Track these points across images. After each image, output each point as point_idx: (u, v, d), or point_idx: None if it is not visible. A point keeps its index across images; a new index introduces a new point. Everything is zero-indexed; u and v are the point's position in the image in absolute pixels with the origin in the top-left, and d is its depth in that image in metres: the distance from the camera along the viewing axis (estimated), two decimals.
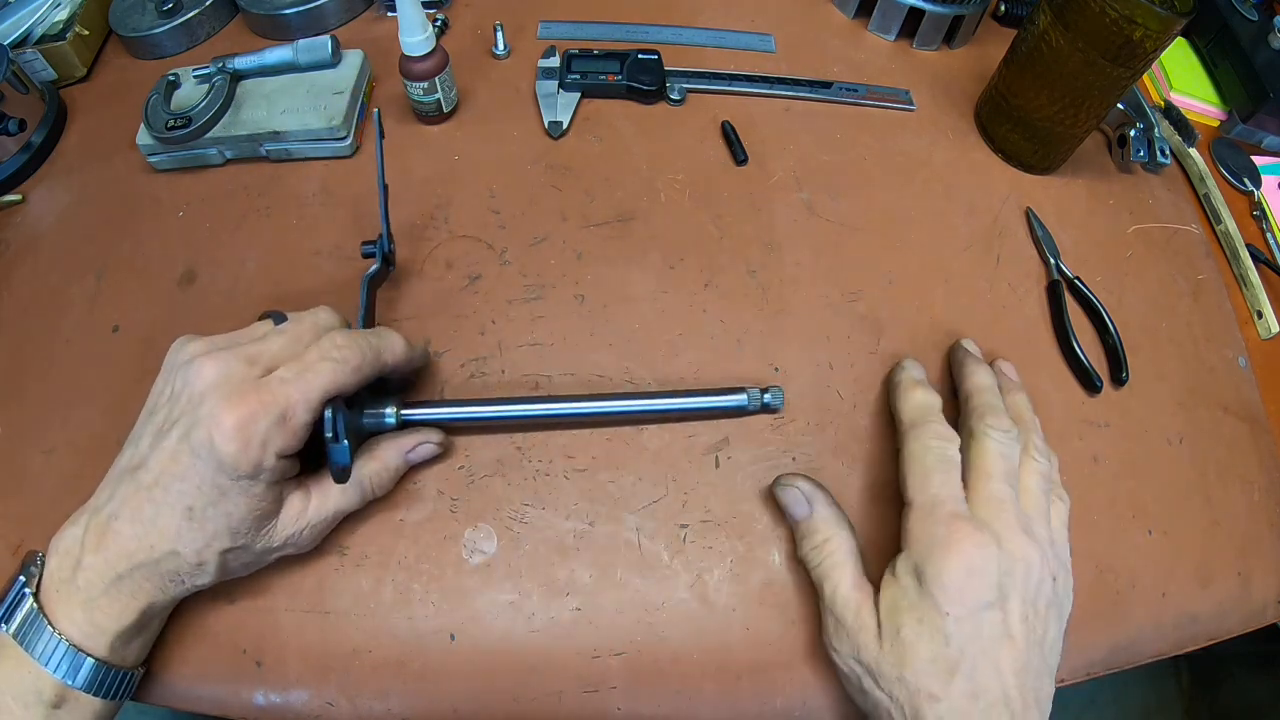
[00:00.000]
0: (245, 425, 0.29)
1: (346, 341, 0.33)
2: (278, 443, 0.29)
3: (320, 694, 0.34)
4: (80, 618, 0.29)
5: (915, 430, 0.35)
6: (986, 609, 0.30)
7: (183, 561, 0.30)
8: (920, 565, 0.31)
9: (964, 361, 0.40)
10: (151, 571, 0.30)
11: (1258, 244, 0.53)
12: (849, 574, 0.33)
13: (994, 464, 0.34)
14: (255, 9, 0.55)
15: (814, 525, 0.35)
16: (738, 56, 0.57)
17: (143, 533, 0.29)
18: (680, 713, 0.35)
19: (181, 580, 0.30)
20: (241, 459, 0.29)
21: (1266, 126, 0.59)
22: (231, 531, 0.30)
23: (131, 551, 0.29)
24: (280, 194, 0.48)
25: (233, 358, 0.30)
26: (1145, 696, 1.00)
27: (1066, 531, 0.35)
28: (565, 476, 0.39)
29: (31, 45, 0.52)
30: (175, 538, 0.29)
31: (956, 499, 0.32)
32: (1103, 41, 0.43)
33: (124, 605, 0.30)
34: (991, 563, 0.30)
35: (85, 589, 0.29)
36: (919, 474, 0.34)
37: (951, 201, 0.51)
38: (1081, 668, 0.38)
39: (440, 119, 0.51)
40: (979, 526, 0.31)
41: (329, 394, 0.31)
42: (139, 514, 0.29)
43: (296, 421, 0.30)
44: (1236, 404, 0.46)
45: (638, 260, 0.46)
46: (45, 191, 0.49)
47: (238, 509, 0.30)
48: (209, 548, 0.30)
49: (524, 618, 0.36)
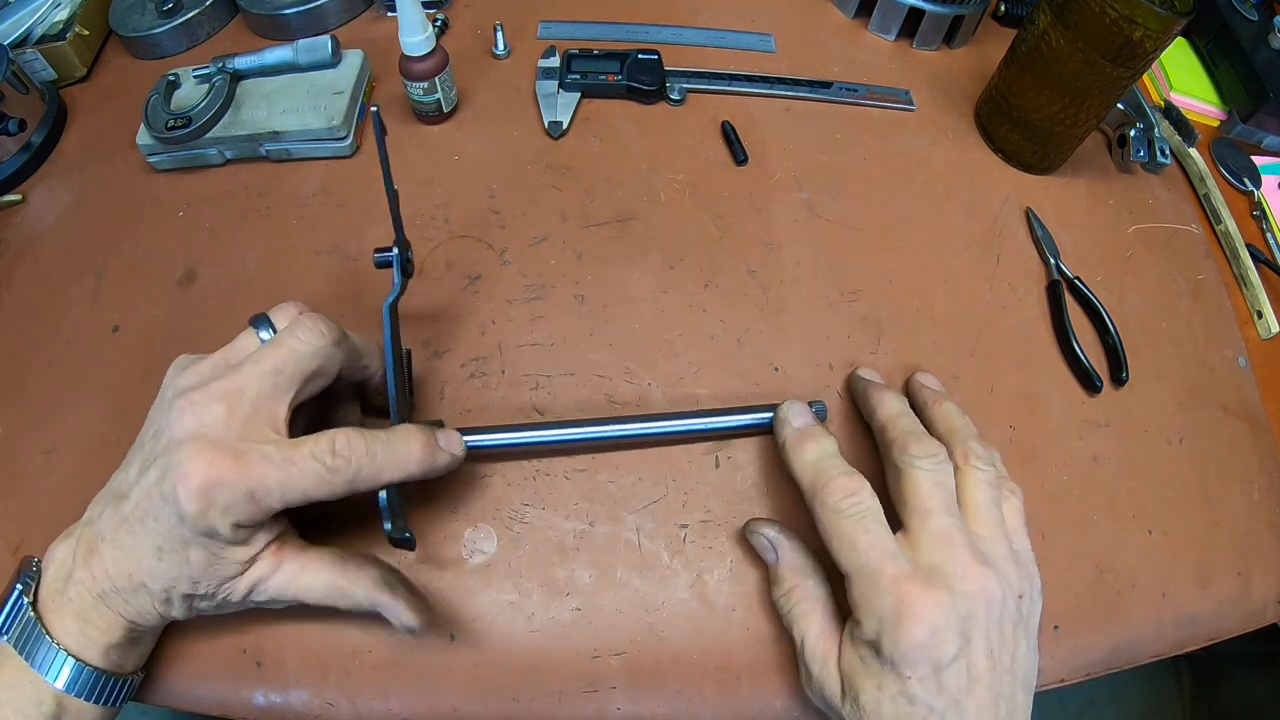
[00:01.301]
0: (209, 490, 0.27)
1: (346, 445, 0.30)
2: (239, 515, 0.28)
3: (320, 694, 0.34)
4: (74, 628, 0.29)
5: (818, 496, 0.32)
6: (951, 663, 0.28)
7: (152, 597, 0.30)
8: (875, 640, 0.29)
9: (866, 393, 0.38)
10: (129, 598, 0.30)
11: (1258, 244, 0.53)
12: (816, 621, 0.32)
13: (929, 498, 0.31)
14: (255, 9, 0.55)
15: (780, 572, 0.34)
16: (738, 56, 0.57)
17: (122, 559, 0.29)
18: (680, 713, 0.35)
19: (155, 612, 0.30)
20: (199, 521, 0.28)
21: (1266, 126, 0.59)
22: (192, 580, 0.29)
23: (112, 575, 0.29)
24: (280, 194, 0.48)
25: (211, 402, 0.29)
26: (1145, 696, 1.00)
27: (1024, 527, 0.34)
28: (565, 476, 0.39)
29: (31, 45, 0.52)
30: (147, 573, 0.29)
31: (893, 555, 0.30)
32: (1103, 41, 0.43)
33: (111, 621, 0.30)
34: (950, 616, 0.28)
35: (76, 601, 0.29)
36: (842, 544, 0.31)
37: (951, 201, 0.51)
38: (1081, 668, 0.38)
39: (440, 119, 0.51)
40: (928, 582, 0.29)
41: (310, 498, 0.29)
42: (119, 541, 0.29)
43: (264, 505, 0.29)
44: (1236, 404, 0.46)
45: (638, 260, 0.46)
46: (45, 191, 0.49)
47: (197, 561, 0.29)
48: (174, 588, 0.29)
49: (524, 618, 0.36)
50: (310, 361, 0.31)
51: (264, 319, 0.33)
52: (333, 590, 0.31)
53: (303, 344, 0.31)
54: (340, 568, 0.32)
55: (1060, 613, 0.38)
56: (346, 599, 0.31)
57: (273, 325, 0.33)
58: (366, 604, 0.32)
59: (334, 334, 0.32)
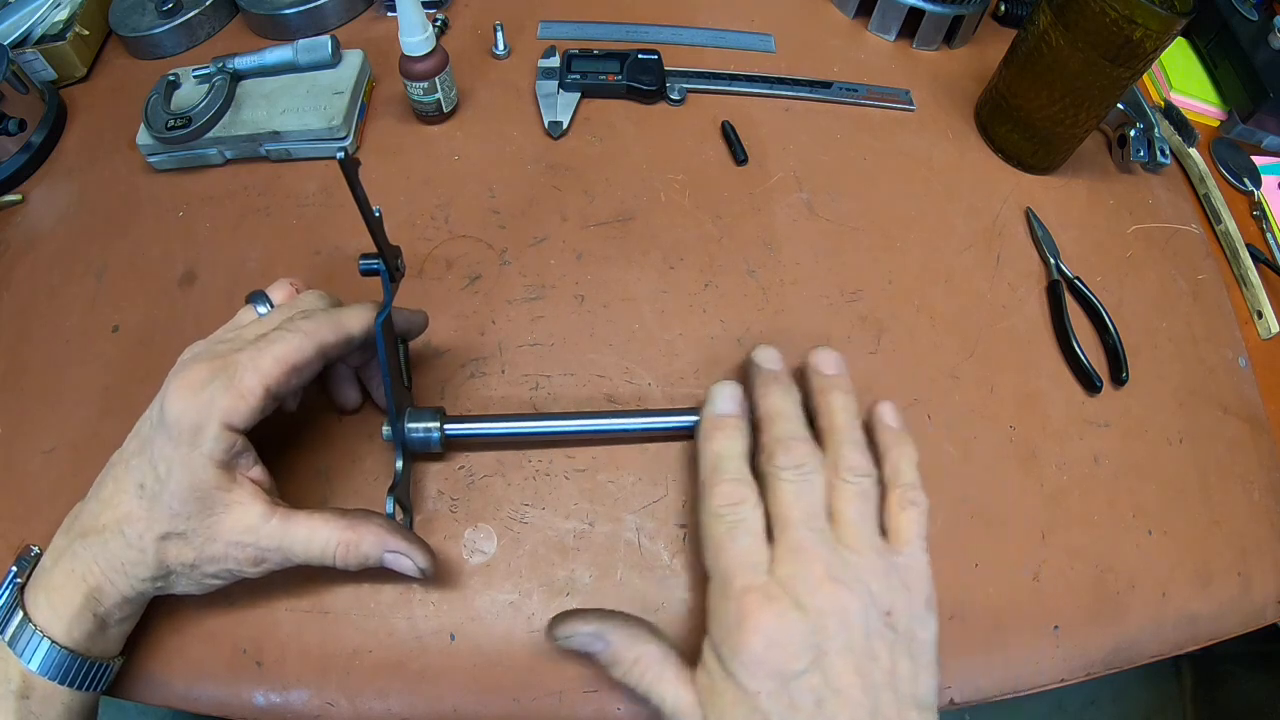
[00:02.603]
0: (191, 386, 0.29)
1: (309, 314, 0.32)
2: (222, 404, 0.29)
3: (320, 694, 0.34)
4: (43, 602, 0.29)
5: (704, 494, 0.32)
6: (799, 678, 0.27)
7: (124, 544, 0.29)
8: (718, 648, 0.29)
9: (754, 381, 0.35)
10: (96, 549, 0.29)
11: (1258, 244, 0.53)
12: (671, 679, 0.30)
13: (790, 509, 0.30)
14: (255, 9, 0.55)
15: (618, 654, 0.31)
16: (737, 56, 0.57)
17: (98, 509, 0.30)
18: None
19: (124, 569, 0.29)
20: (184, 417, 0.29)
21: (1266, 126, 0.59)
22: (171, 513, 0.29)
23: (84, 525, 0.30)
24: (280, 194, 0.48)
25: (205, 343, 0.32)
26: (1145, 696, 1.00)
27: (922, 541, 0.31)
28: (565, 476, 0.39)
29: (31, 45, 0.52)
30: (124, 515, 0.29)
31: (751, 566, 0.29)
32: (1103, 41, 0.43)
33: (72, 586, 0.29)
34: (794, 629, 0.28)
35: (47, 570, 0.30)
36: (710, 547, 0.31)
37: (951, 201, 0.51)
38: (1081, 668, 0.38)
39: (440, 119, 0.51)
40: (771, 595, 0.28)
41: (283, 362, 0.30)
42: (100, 491, 0.30)
43: (244, 385, 0.29)
44: (1236, 404, 0.46)
45: (638, 260, 0.46)
46: (45, 191, 0.49)
47: (179, 482, 0.29)
48: (150, 530, 0.29)
49: (524, 618, 0.36)
50: (298, 355, 0.31)
51: (261, 295, 0.35)
52: (336, 544, 0.31)
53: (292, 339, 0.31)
54: (345, 520, 0.31)
55: (1060, 613, 0.38)
56: (353, 552, 0.31)
57: (270, 301, 0.35)
58: (375, 554, 0.31)
59: (325, 334, 0.32)
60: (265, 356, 0.30)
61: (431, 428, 0.36)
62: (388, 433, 0.35)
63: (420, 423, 0.36)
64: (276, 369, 0.30)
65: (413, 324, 0.38)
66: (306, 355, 0.31)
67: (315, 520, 0.31)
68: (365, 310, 0.34)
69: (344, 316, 0.33)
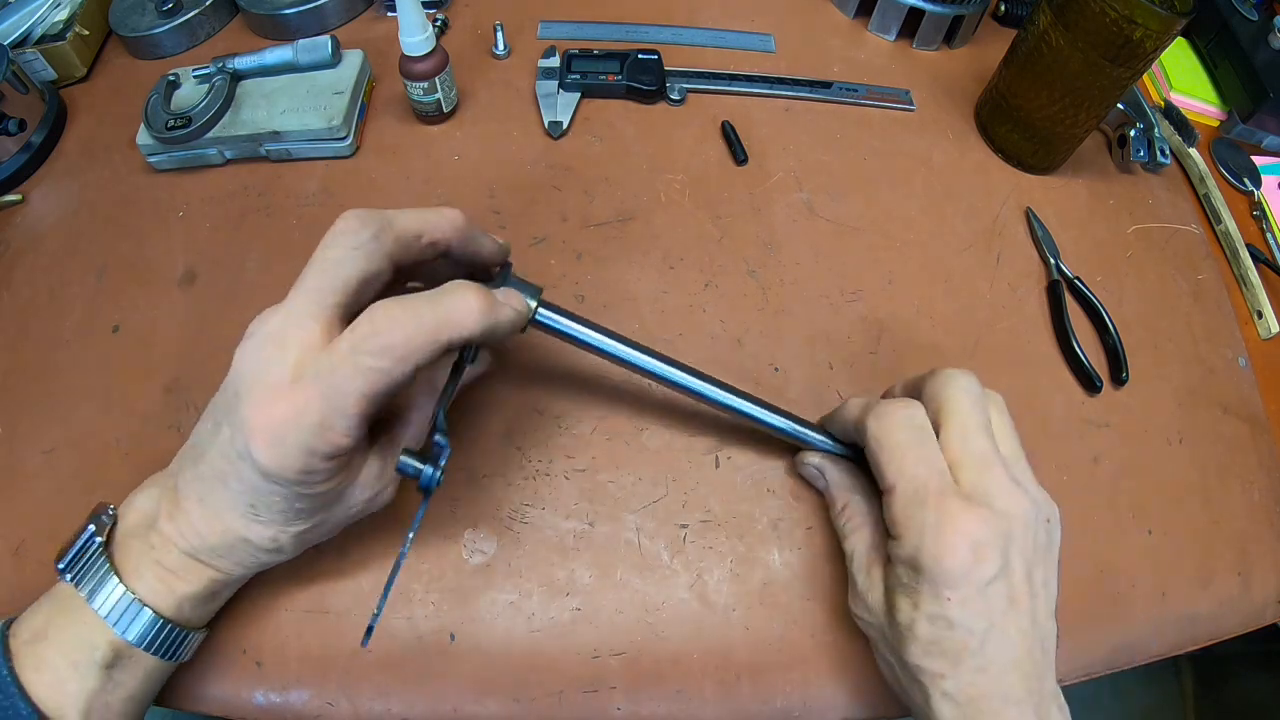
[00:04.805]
0: (280, 438, 0.25)
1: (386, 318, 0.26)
2: (321, 449, 0.26)
3: (320, 694, 0.34)
4: (150, 575, 0.28)
5: (883, 409, 0.32)
6: (992, 583, 0.28)
7: (255, 547, 0.29)
8: (914, 556, 0.28)
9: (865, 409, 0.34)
10: (225, 554, 0.29)
11: (1258, 244, 0.53)
12: (866, 536, 0.33)
13: (968, 416, 0.31)
14: (255, 9, 0.55)
15: (832, 495, 0.36)
16: (737, 56, 0.57)
17: (212, 518, 0.28)
18: (680, 713, 0.35)
19: (258, 558, 0.30)
20: (284, 471, 0.26)
21: (1266, 126, 0.59)
22: (299, 514, 0.29)
23: (203, 534, 0.28)
24: (280, 194, 0.48)
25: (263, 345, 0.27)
26: (1146, 696, 1.00)
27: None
28: (565, 476, 0.39)
29: (31, 45, 0.52)
30: (244, 528, 0.28)
31: (940, 472, 0.30)
32: (1103, 41, 0.43)
33: (197, 574, 0.29)
34: (994, 534, 0.28)
35: (159, 550, 0.29)
36: (894, 456, 0.30)
37: (951, 201, 0.51)
38: (1081, 668, 0.38)
39: (440, 119, 0.51)
40: (971, 499, 0.29)
41: (368, 402, 0.26)
42: (206, 500, 0.28)
43: (336, 432, 0.26)
44: (1236, 404, 0.46)
45: (638, 260, 0.46)
46: (45, 191, 0.49)
47: (301, 503, 0.28)
48: (282, 533, 0.29)
49: (524, 618, 0.36)
50: (349, 266, 0.27)
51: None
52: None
53: (333, 250, 0.28)
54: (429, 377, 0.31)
55: (1060, 612, 0.38)
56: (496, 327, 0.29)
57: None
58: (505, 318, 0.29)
59: (372, 225, 0.28)
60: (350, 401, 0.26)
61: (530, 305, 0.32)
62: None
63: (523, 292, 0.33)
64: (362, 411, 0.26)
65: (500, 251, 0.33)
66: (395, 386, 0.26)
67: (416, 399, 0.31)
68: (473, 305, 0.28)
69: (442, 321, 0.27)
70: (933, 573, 0.28)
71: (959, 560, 0.28)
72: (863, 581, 0.32)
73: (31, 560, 0.36)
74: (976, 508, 0.28)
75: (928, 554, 0.28)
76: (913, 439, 0.30)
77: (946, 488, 0.29)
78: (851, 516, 0.34)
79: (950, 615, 0.28)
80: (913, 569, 0.29)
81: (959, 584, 0.28)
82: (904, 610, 0.29)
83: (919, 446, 0.30)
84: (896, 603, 0.29)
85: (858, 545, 0.33)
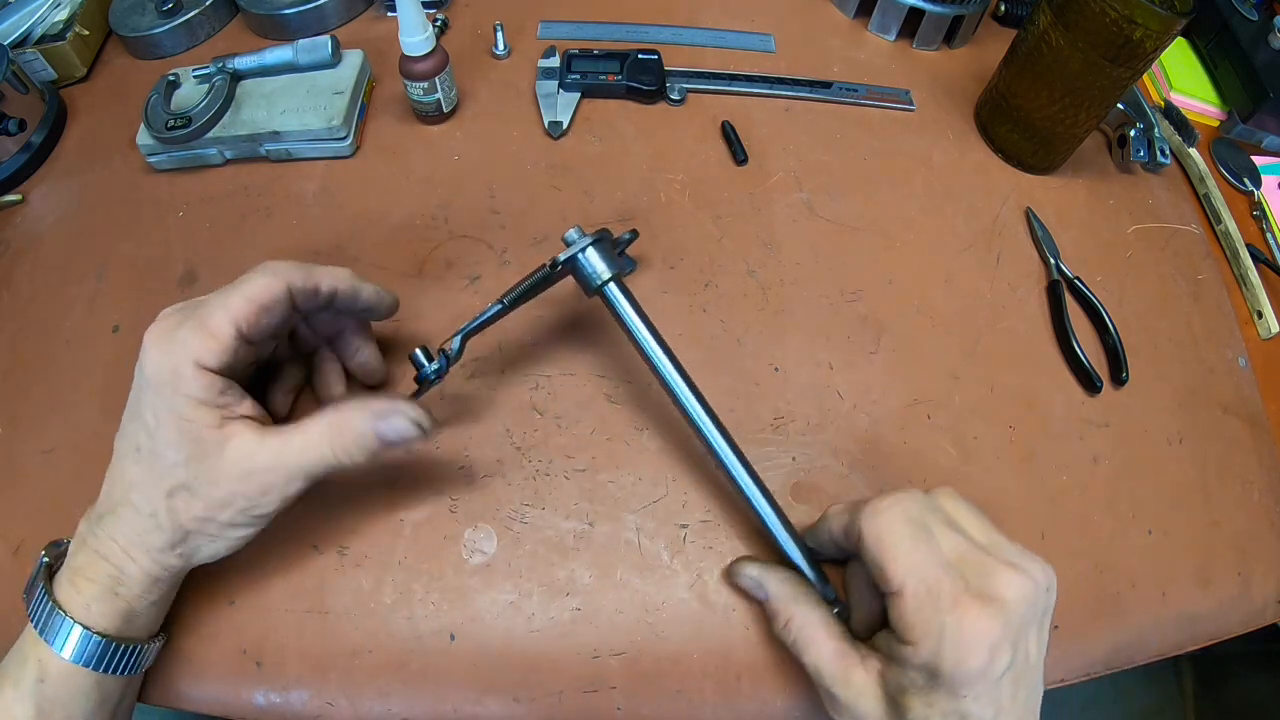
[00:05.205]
0: (164, 333, 0.29)
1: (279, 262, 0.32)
2: (193, 345, 0.29)
3: (320, 694, 0.34)
4: (69, 588, 0.30)
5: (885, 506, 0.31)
6: (1005, 672, 0.28)
7: (135, 513, 0.29)
8: (933, 661, 0.28)
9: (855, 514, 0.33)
10: (112, 527, 0.30)
11: (1258, 244, 0.53)
12: (825, 645, 0.31)
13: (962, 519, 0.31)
14: (255, 9, 0.55)
15: (774, 609, 0.33)
16: (737, 56, 0.57)
17: (109, 487, 0.30)
18: (680, 713, 0.35)
19: (141, 541, 0.30)
20: (160, 364, 0.29)
21: (1266, 126, 0.59)
22: (169, 464, 0.29)
23: (99, 506, 0.30)
24: (280, 194, 0.48)
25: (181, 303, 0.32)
26: (1146, 696, 1.00)
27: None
28: (565, 476, 0.39)
29: (31, 45, 0.52)
30: (130, 483, 0.30)
31: (944, 567, 0.29)
32: (1103, 41, 0.43)
33: (94, 569, 0.30)
34: (1006, 627, 0.28)
35: (73, 555, 0.30)
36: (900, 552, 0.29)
37: (951, 201, 0.51)
38: (1081, 668, 0.38)
39: (440, 119, 0.51)
40: (984, 597, 0.28)
41: (252, 300, 0.30)
42: (110, 471, 0.31)
43: (213, 324, 0.29)
44: (1236, 404, 0.46)
45: (637, 260, 0.46)
46: (45, 191, 0.49)
47: (168, 429, 0.29)
48: (156, 490, 0.29)
49: (524, 618, 0.36)
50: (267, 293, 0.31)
51: None
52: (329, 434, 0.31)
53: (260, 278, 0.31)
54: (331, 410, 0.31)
55: (1060, 613, 0.38)
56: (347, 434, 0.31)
57: None
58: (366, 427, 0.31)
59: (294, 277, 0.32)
60: (234, 296, 0.30)
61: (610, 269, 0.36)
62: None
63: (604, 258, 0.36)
64: (246, 307, 0.30)
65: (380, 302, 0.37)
66: (275, 293, 0.31)
67: (306, 424, 0.31)
68: (337, 271, 0.34)
69: (314, 268, 0.33)
70: (953, 675, 0.27)
71: (979, 662, 0.27)
72: (844, 695, 0.30)
73: (31, 560, 0.36)
74: (990, 604, 0.28)
75: (948, 659, 0.28)
76: (914, 535, 0.30)
77: (958, 589, 0.28)
78: (800, 629, 0.32)
79: (964, 710, 0.28)
80: (930, 673, 0.28)
81: (976, 682, 0.28)
82: (917, 710, 0.28)
83: (924, 544, 0.29)
84: (908, 704, 0.29)
85: (820, 659, 0.31)
